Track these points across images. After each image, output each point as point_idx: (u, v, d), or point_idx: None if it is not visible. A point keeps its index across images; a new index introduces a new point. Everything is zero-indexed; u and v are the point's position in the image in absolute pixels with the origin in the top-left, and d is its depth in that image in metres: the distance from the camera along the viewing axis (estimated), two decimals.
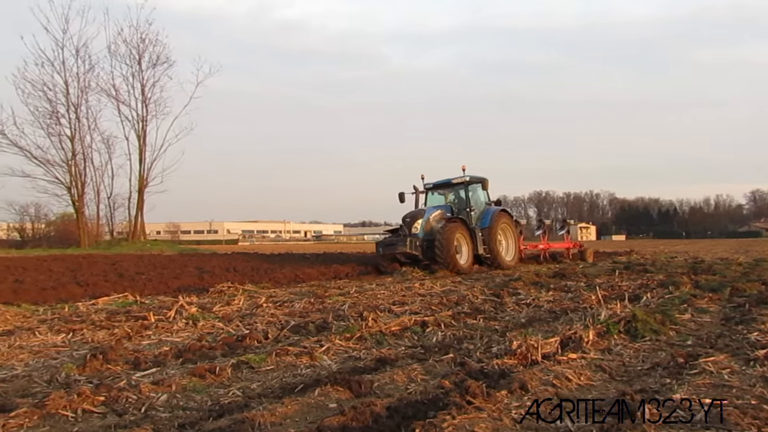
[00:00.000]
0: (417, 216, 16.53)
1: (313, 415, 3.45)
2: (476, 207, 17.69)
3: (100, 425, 3.35)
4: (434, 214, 16.77)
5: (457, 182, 17.73)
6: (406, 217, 16.74)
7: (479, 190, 18.31)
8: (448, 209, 17.36)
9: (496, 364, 4.44)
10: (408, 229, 16.35)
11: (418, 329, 6.21)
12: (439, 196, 18.41)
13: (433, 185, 18.44)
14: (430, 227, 16.32)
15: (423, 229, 16.17)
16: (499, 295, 8.99)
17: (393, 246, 16.05)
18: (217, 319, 7.21)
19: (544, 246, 20.73)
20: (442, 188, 18.48)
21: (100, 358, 4.77)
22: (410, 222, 16.46)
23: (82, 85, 34.78)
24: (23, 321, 7.44)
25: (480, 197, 18.30)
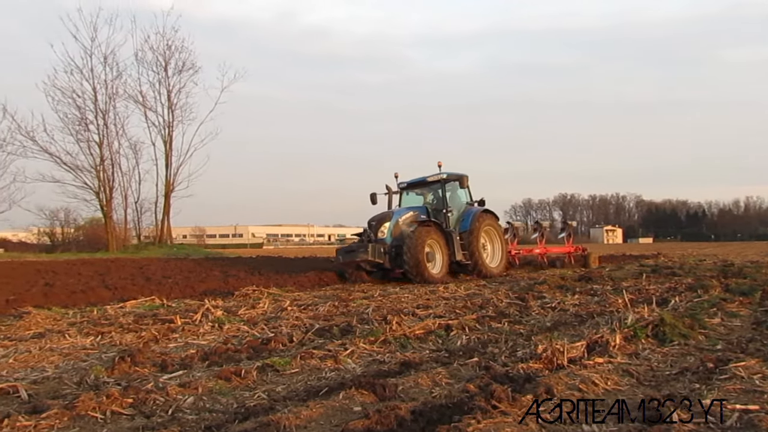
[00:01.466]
0: (384, 219, 14.81)
1: (337, 419, 3.45)
2: (455, 208, 15.92)
3: (128, 427, 3.40)
4: (405, 216, 14.96)
5: (432, 180, 15.90)
6: (372, 220, 14.98)
7: (459, 189, 16.41)
8: (424, 211, 15.55)
9: (522, 368, 4.41)
10: (374, 233, 14.57)
11: (443, 333, 6.19)
12: (418, 197, 16.67)
13: (408, 184, 16.69)
14: (399, 231, 14.52)
15: (391, 234, 14.44)
16: (524, 298, 8.93)
17: (354, 253, 14.29)
18: (243, 323, 7.27)
19: (541, 251, 19.19)
20: (417, 187, 16.68)
21: (128, 361, 4.84)
22: (376, 225, 14.71)
23: (110, 92, 35.40)
24: (54, 324, 7.57)
25: (460, 197, 16.51)
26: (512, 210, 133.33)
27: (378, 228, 14.63)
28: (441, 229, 14.89)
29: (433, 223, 14.91)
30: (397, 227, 14.59)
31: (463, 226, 15.44)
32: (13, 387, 4.15)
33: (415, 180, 16.53)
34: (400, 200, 16.70)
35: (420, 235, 13.93)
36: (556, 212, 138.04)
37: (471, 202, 16.44)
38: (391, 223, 14.63)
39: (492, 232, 16.23)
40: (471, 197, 16.60)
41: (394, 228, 14.55)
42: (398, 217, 14.89)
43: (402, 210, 15.53)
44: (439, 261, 14.42)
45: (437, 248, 14.43)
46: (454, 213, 15.62)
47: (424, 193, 16.47)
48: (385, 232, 14.51)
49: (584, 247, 20.74)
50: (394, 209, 15.89)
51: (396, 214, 15.09)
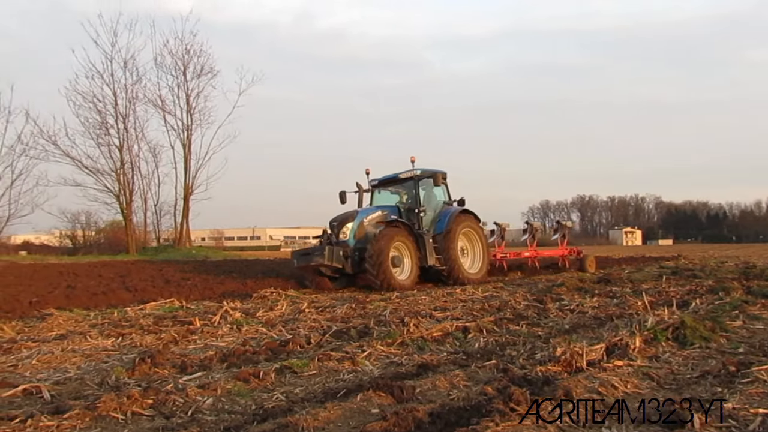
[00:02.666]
0: (347, 219, 13.38)
1: (355, 420, 3.46)
2: (430, 207, 14.53)
3: (148, 427, 3.44)
4: (371, 216, 13.58)
5: (405, 177, 14.51)
6: (334, 220, 13.59)
7: (435, 188, 15.03)
8: (395, 210, 14.19)
9: (540, 370, 4.38)
10: (336, 235, 13.20)
11: (460, 335, 6.17)
12: (393, 195, 15.30)
13: (379, 182, 15.28)
14: (364, 233, 13.16)
15: (354, 236, 13.06)
16: (542, 300, 8.88)
17: (309, 257, 12.80)
18: (261, 324, 7.31)
19: (531, 253, 17.53)
20: (389, 185, 15.28)
21: (149, 362, 4.89)
22: (338, 226, 13.32)
23: (129, 96, 35.82)
24: (75, 325, 7.68)
25: (436, 196, 15.11)
26: (530, 211, 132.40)
27: (340, 229, 13.27)
28: (411, 230, 13.56)
29: (403, 224, 13.58)
30: (362, 228, 13.25)
31: (438, 227, 14.10)
32: (36, 387, 4.22)
33: (386, 177, 15.16)
34: (372, 199, 15.34)
35: (385, 237, 12.62)
36: (575, 214, 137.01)
37: (449, 202, 15.08)
38: (354, 224, 13.27)
39: (472, 234, 14.82)
40: (449, 196, 15.24)
41: (358, 229, 13.21)
42: (363, 216, 13.52)
43: (368, 209, 14.23)
44: (407, 266, 13.11)
45: (405, 252, 13.11)
46: (428, 213, 14.32)
47: (400, 192, 15.16)
48: (348, 234, 13.13)
49: (579, 249, 19.02)
50: (360, 208, 14.57)
51: (361, 213, 13.70)
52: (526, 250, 17.77)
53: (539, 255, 17.83)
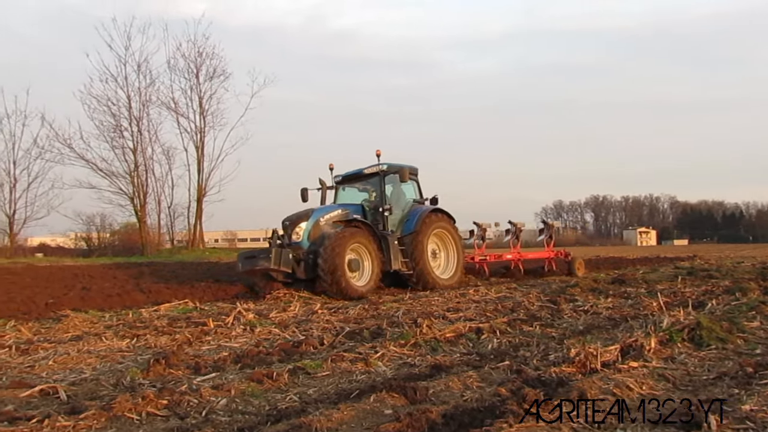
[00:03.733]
0: (301, 218, 12.12)
1: (369, 421, 3.46)
2: (398, 206, 13.33)
3: (163, 428, 3.46)
4: (329, 214, 12.33)
5: (369, 173, 13.29)
6: (287, 219, 12.36)
7: (405, 185, 13.79)
8: (358, 209, 12.97)
9: (554, 372, 4.36)
10: (288, 236, 12.01)
11: (473, 336, 6.16)
12: (360, 193, 14.03)
13: (343, 178, 14.07)
14: (319, 233, 11.82)
15: (308, 237, 11.80)
16: (555, 301, 8.83)
17: (254, 260, 11.62)
18: (274, 326, 7.34)
19: (515, 256, 16.13)
20: (354, 182, 14.03)
21: (163, 363, 4.92)
22: (290, 226, 12.08)
23: (143, 99, 36.05)
24: (91, 327, 7.74)
25: (405, 194, 13.92)
26: (543, 212, 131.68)
27: (292, 229, 12.01)
28: (374, 231, 12.35)
29: (364, 223, 12.42)
30: (317, 228, 11.95)
31: (406, 228, 12.91)
32: (52, 388, 4.26)
33: (350, 173, 13.94)
34: (336, 197, 14.17)
35: (341, 238, 11.38)
36: (588, 214, 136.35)
37: (420, 200, 13.94)
38: (308, 223, 11.98)
39: (445, 236, 13.63)
40: (421, 194, 14.09)
41: (313, 229, 11.92)
42: (319, 215, 12.23)
43: (326, 207, 12.99)
44: (367, 270, 11.83)
45: (365, 255, 11.82)
46: (395, 212, 13.11)
47: (368, 189, 13.79)
48: (301, 234, 11.86)
49: (567, 251, 17.62)
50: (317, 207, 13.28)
51: (317, 212, 12.41)
52: (507, 252, 16.40)
53: (523, 257, 16.47)
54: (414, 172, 13.79)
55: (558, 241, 19.89)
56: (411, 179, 13.67)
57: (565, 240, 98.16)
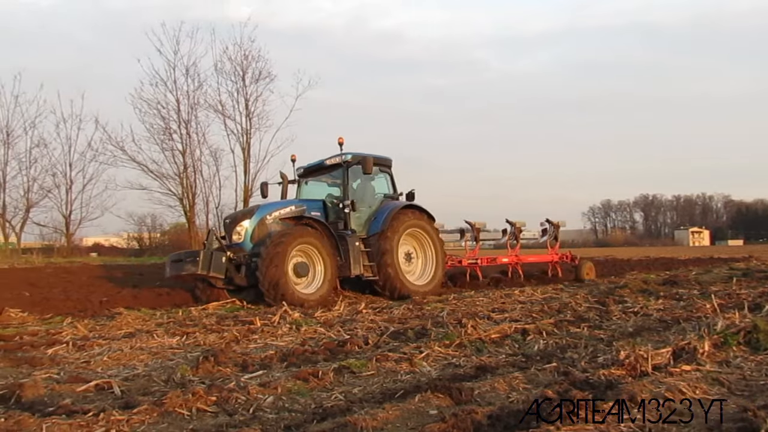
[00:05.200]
0: (244, 216, 10.91)
1: (413, 421, 3.46)
2: (363, 201, 11.75)
3: (212, 424, 3.53)
4: (279, 211, 10.93)
5: (331, 164, 11.79)
6: (228, 217, 11.36)
7: (377, 178, 12.30)
8: (317, 206, 11.50)
9: (603, 374, 4.27)
10: (229, 236, 10.72)
11: (519, 337, 6.09)
12: (330, 188, 12.44)
13: (305, 170, 12.57)
14: (265, 233, 10.41)
15: (251, 237, 10.45)
16: (603, 303, 8.65)
17: (180, 264, 10.26)
18: (319, 325, 7.40)
19: (512, 259, 14.51)
20: (318, 174, 12.51)
21: (212, 360, 5.02)
22: (231, 225, 10.80)
23: (191, 102, 36.74)
24: (142, 324, 7.96)
25: (374, 188, 12.37)
26: (590, 211, 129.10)
27: (233, 228, 10.67)
28: (329, 230, 10.91)
29: (317, 221, 10.99)
30: (263, 227, 10.58)
31: (372, 227, 11.41)
32: (107, 383, 4.40)
33: (312, 164, 12.42)
34: (299, 192, 12.71)
35: (284, 238, 9.98)
36: (638, 213, 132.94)
37: (393, 195, 12.28)
38: (251, 222, 10.59)
39: (422, 236, 12.02)
40: (394, 188, 12.38)
41: (258, 228, 10.54)
42: (266, 213, 10.84)
43: (275, 203, 11.57)
44: (318, 276, 10.44)
45: (317, 258, 10.40)
46: (361, 209, 11.59)
47: (336, 182, 12.20)
48: (242, 234, 10.49)
49: (573, 254, 15.83)
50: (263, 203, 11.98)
51: (263, 208, 11.04)
52: (505, 255, 14.72)
53: (522, 261, 14.77)
54: (384, 162, 12.28)
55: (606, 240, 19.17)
56: (383, 172, 12.30)
57: (614, 240, 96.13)
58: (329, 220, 11.31)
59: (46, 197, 32.01)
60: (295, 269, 10.13)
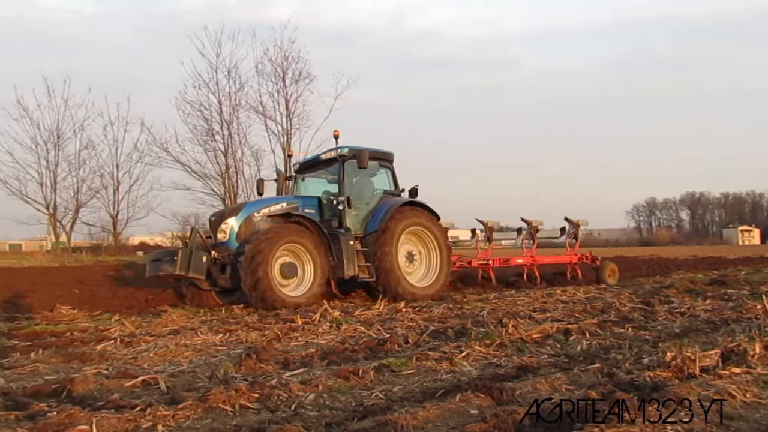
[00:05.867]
0: (230, 213, 10.36)
1: (454, 421, 3.45)
2: (361, 198, 11.21)
3: (255, 420, 3.58)
4: (269, 208, 10.36)
5: (327, 158, 11.18)
6: (213, 215, 10.85)
7: (377, 174, 11.69)
8: (311, 203, 10.91)
9: (648, 376, 4.18)
10: (214, 234, 10.20)
11: (561, 337, 6.00)
12: (330, 185, 11.67)
13: (301, 166, 12.05)
14: (252, 232, 9.89)
15: (236, 236, 9.89)
16: (649, 303, 8.45)
17: (158, 264, 9.64)
18: (359, 323, 7.43)
19: (527, 260, 13.56)
20: (315, 170, 11.87)
21: (254, 358, 5.10)
22: (216, 222, 10.25)
23: (233, 104, 37.30)
24: (187, 322, 8.13)
25: (373, 183, 11.74)
26: (634, 210, 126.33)
27: (218, 226, 10.08)
28: (320, 229, 10.25)
29: (307, 219, 10.32)
30: (250, 225, 10.04)
31: (370, 225, 10.76)
32: (153, 379, 4.51)
33: (308, 159, 12.00)
34: (296, 189, 12.16)
35: (269, 236, 9.46)
36: (684, 211, 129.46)
37: (395, 192, 11.62)
38: (237, 219, 10.04)
39: (426, 236, 11.28)
40: (396, 184, 11.69)
41: (244, 226, 9.99)
42: (253, 210, 10.30)
43: (264, 200, 11.00)
44: (307, 277, 9.87)
45: (306, 258, 9.83)
46: (358, 206, 11.02)
47: (334, 178, 11.42)
48: (228, 233, 9.91)
49: (594, 255, 14.60)
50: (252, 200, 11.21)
51: (250, 205, 10.57)
52: (519, 257, 13.79)
53: (538, 262, 13.80)
54: (384, 157, 11.61)
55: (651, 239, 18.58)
56: (384, 167, 11.62)
57: (659, 239, 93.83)
58: (324, 218, 10.76)
59: (95, 197, 32.91)
60: (281, 270, 9.59)
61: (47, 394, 4.18)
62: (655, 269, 18.16)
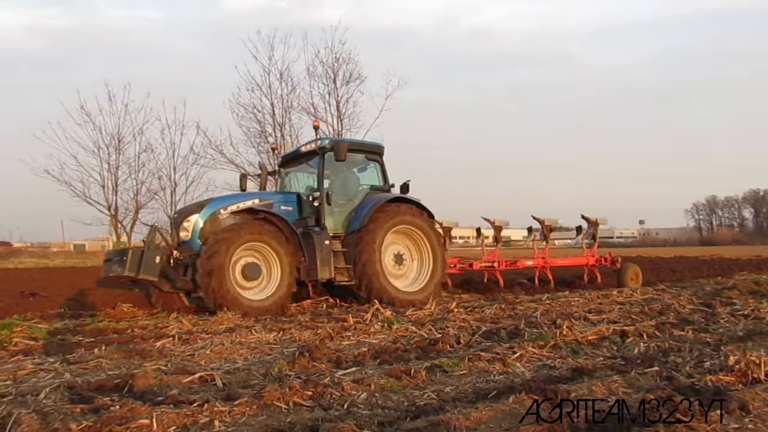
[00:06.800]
0: (192, 210, 9.61)
1: (507, 422, 3.41)
2: (345, 194, 10.42)
3: (308, 417, 3.63)
4: (235, 205, 9.61)
5: (307, 151, 10.45)
6: (177, 212, 10.19)
7: (367, 168, 10.87)
8: (291, 199, 10.18)
9: (710, 380, 4.04)
10: (177, 232, 9.51)
11: (617, 339, 5.87)
12: (313, 179, 10.76)
13: (283, 160, 11.36)
14: (216, 229, 9.22)
15: (199, 234, 9.18)
16: (710, 305, 8.16)
17: (109, 264, 8.96)
18: (410, 323, 7.44)
19: (538, 262, 12.61)
20: (296, 164, 11.10)
21: (307, 356, 5.16)
22: (179, 220, 9.56)
23: (285, 106, 37.86)
24: (242, 320, 8.29)
25: (359, 178, 10.95)
26: (694, 208, 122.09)
27: (180, 223, 9.42)
28: (290, 227, 9.47)
29: (276, 216, 9.55)
30: (215, 222, 9.33)
31: (353, 223, 9.96)
32: (210, 375, 4.63)
33: (290, 152, 11.27)
34: (280, 184, 11.47)
35: (228, 234, 8.80)
36: (747, 210, 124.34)
37: (383, 187, 10.77)
38: (201, 216, 9.33)
39: (417, 236, 10.43)
40: (385, 179, 10.85)
41: (209, 223, 9.28)
42: (219, 206, 9.56)
43: (231, 196, 10.25)
44: (273, 280, 9.18)
45: (272, 258, 9.14)
46: (339, 202, 10.21)
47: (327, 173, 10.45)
48: (190, 231, 9.23)
49: (615, 256, 13.35)
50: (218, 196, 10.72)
51: (215, 201, 9.78)
52: (529, 258, 12.86)
53: (551, 264, 12.79)
54: (372, 150, 10.86)
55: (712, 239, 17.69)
56: (372, 160, 10.80)
57: (720, 238, 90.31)
58: (303, 216, 10.06)
59: (153, 199, 33.91)
60: (243, 271, 8.99)
61: (110, 388, 4.34)
62: (716, 270, 17.52)
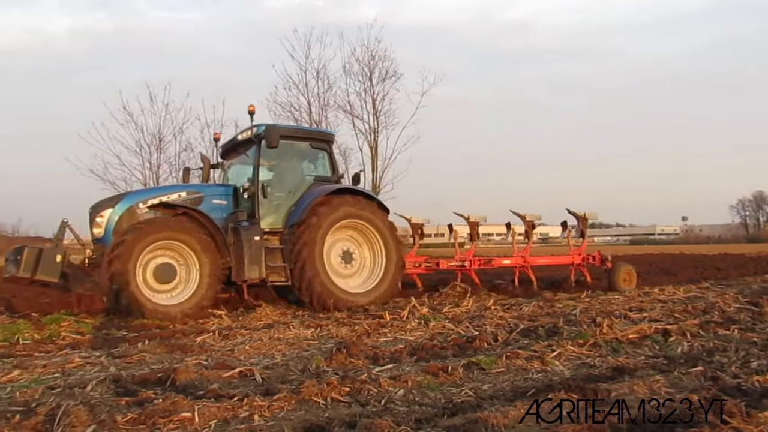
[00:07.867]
0: (106, 205, 8.81)
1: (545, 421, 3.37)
2: (285, 186, 9.58)
3: (346, 413, 3.65)
4: (156, 199, 8.84)
5: (243, 139, 9.69)
6: (92, 206, 8.98)
7: (315, 158, 10.01)
8: (227, 192, 9.49)
9: (757, 381, 3.93)
10: (90, 228, 8.77)
11: (659, 338, 5.75)
12: (268, 172, 9.76)
13: (223, 150, 10.57)
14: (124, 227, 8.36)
15: (114, 231, 8.40)
16: (756, 303, 7.92)
17: (7, 263, 8.26)
18: (447, 320, 7.42)
19: (517, 261, 11.39)
20: (234, 154, 10.31)
21: (344, 352, 5.19)
22: (92, 215, 8.77)
23: (322, 104, 38.08)
24: (280, 316, 8.40)
25: (303, 169, 10.05)
26: (740, 204, 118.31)
27: (93, 219, 8.68)
28: (212, 223, 8.65)
29: (196, 212, 8.74)
30: (131, 218, 8.56)
31: (292, 217, 9.14)
32: (249, 370, 4.69)
33: (227, 142, 10.51)
34: (224, 177, 10.57)
35: (136, 234, 7.98)
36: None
37: (330, 178, 9.93)
38: (115, 211, 8.58)
39: (368, 231, 9.57)
40: (334, 169, 10.05)
41: (124, 219, 8.52)
42: (137, 200, 8.85)
43: (152, 189, 9.49)
44: (192, 282, 8.35)
45: (190, 259, 8.32)
46: (277, 194, 9.40)
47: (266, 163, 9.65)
48: (103, 227, 8.50)
49: (604, 255, 11.81)
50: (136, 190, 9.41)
51: (132, 195, 9.14)
52: (508, 257, 11.71)
53: (531, 263, 11.53)
54: (316, 136, 10.16)
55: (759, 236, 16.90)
56: (318, 148, 9.93)
57: (766, 236, 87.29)
58: (239, 209, 9.24)
59: None
60: (155, 273, 8.20)
61: (153, 382, 4.45)
62: (763, 267, 16.97)
